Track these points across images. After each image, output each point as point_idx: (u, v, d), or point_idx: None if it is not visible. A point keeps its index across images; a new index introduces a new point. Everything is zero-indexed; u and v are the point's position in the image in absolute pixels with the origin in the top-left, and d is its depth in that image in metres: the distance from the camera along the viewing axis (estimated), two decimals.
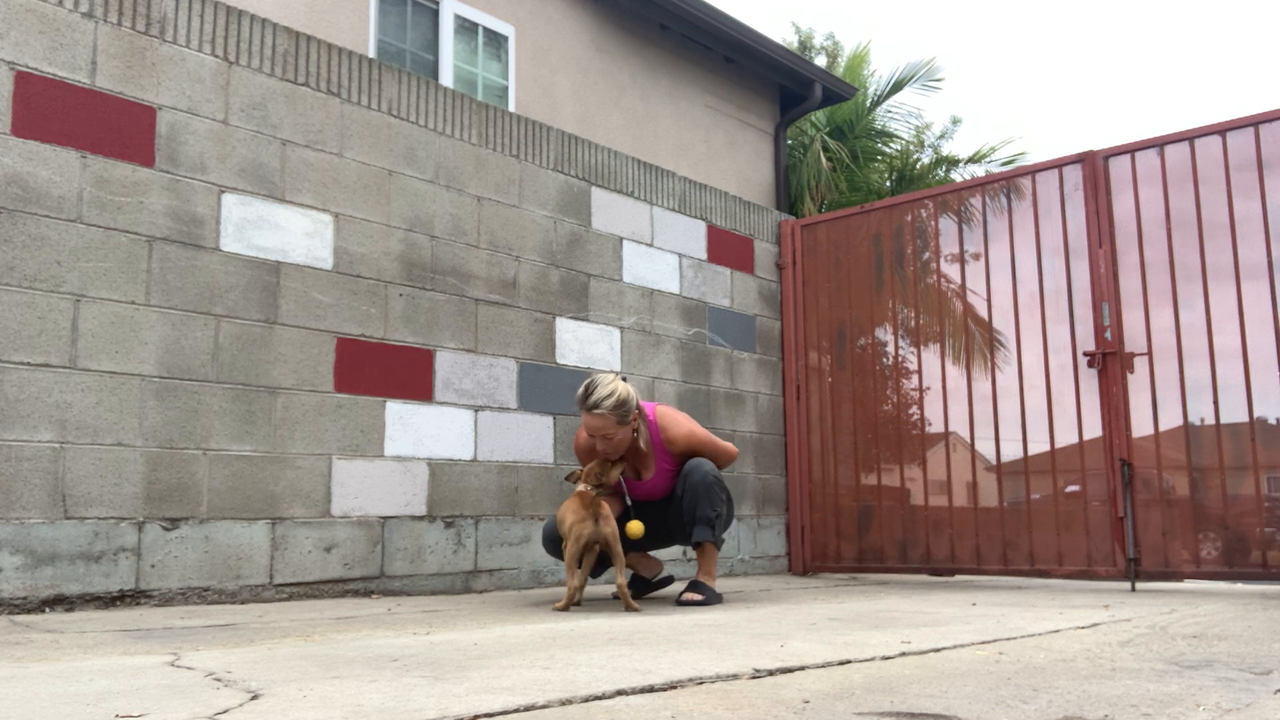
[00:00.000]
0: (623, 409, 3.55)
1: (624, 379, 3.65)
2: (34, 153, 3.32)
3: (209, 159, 3.73)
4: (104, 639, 2.51)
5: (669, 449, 3.81)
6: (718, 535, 3.77)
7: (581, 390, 3.60)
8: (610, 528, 3.38)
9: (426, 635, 2.60)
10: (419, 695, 1.66)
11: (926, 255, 5.63)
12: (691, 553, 5.21)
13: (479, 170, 4.62)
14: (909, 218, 5.67)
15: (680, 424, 3.83)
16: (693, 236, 5.67)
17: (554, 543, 3.75)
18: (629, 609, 3.35)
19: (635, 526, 3.64)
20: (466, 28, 7.23)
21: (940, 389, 5.36)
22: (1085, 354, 4.77)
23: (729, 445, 3.92)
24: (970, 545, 5.14)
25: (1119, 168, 4.84)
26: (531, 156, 4.85)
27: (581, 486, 3.55)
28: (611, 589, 4.26)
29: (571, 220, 5.00)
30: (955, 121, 15.56)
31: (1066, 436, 4.86)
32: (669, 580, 4.15)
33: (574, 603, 3.41)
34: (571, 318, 4.93)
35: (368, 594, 3.98)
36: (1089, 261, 4.84)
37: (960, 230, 5.44)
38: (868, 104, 11.72)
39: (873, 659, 2.15)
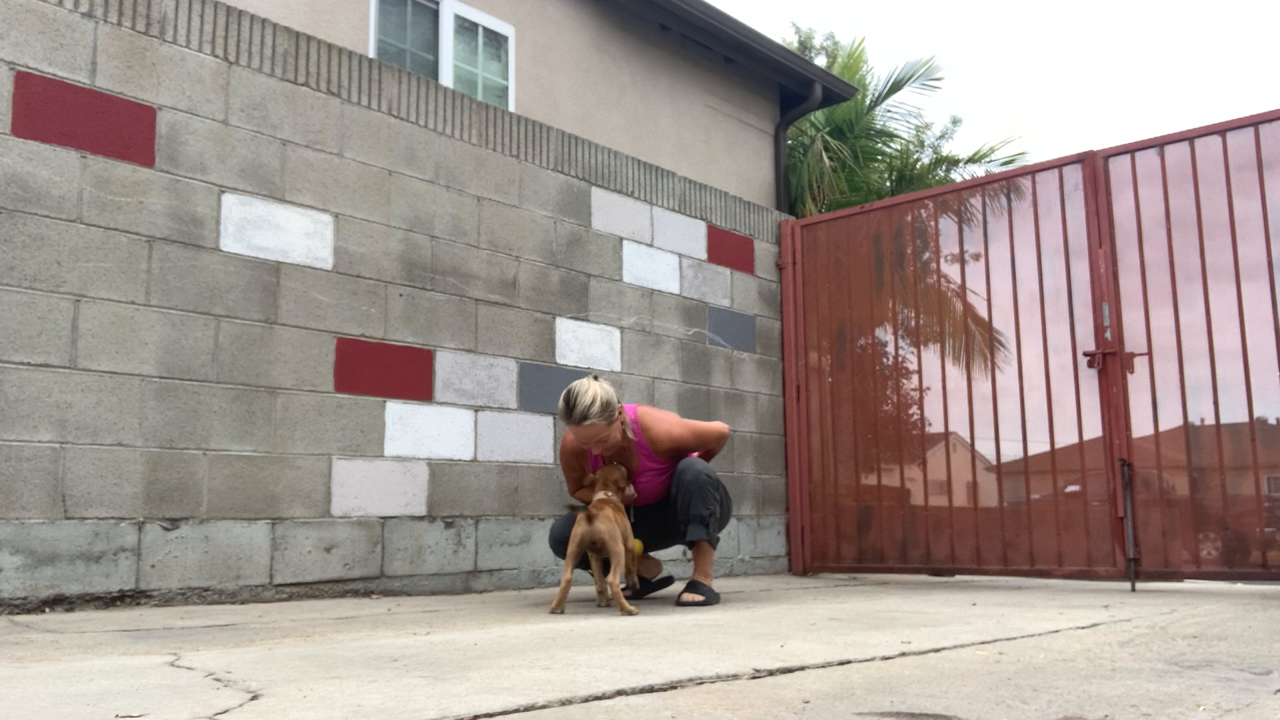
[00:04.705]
0: (609, 410, 3.49)
1: (595, 378, 3.60)
2: (34, 153, 3.32)
3: (209, 159, 3.73)
4: (104, 639, 2.51)
5: (653, 449, 3.76)
6: (712, 534, 3.75)
7: (563, 405, 3.48)
8: (605, 527, 3.32)
9: (426, 635, 2.60)
10: (419, 695, 1.66)
11: (926, 255, 5.63)
12: (691, 552, 5.20)
13: (479, 170, 4.62)
14: (909, 218, 5.67)
15: (660, 422, 3.77)
16: (693, 236, 5.67)
17: (560, 543, 3.73)
18: (623, 611, 3.26)
19: (635, 545, 3.65)
20: (466, 28, 7.23)
21: (940, 389, 5.36)
22: (1085, 354, 4.77)
23: (715, 426, 3.86)
24: (970, 545, 5.14)
25: (1119, 168, 4.84)
26: (531, 156, 4.85)
27: (601, 494, 3.48)
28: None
29: (571, 220, 5.00)
30: (955, 121, 15.53)
31: (1066, 436, 4.86)
32: (669, 580, 4.15)
33: (563, 601, 3.31)
34: (571, 318, 4.93)
35: (368, 594, 3.98)
36: (1089, 261, 4.84)
37: (960, 230, 5.44)
38: (867, 104, 11.72)
39: (873, 659, 2.15)
